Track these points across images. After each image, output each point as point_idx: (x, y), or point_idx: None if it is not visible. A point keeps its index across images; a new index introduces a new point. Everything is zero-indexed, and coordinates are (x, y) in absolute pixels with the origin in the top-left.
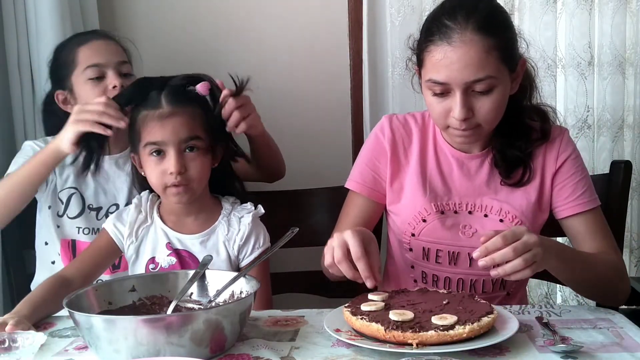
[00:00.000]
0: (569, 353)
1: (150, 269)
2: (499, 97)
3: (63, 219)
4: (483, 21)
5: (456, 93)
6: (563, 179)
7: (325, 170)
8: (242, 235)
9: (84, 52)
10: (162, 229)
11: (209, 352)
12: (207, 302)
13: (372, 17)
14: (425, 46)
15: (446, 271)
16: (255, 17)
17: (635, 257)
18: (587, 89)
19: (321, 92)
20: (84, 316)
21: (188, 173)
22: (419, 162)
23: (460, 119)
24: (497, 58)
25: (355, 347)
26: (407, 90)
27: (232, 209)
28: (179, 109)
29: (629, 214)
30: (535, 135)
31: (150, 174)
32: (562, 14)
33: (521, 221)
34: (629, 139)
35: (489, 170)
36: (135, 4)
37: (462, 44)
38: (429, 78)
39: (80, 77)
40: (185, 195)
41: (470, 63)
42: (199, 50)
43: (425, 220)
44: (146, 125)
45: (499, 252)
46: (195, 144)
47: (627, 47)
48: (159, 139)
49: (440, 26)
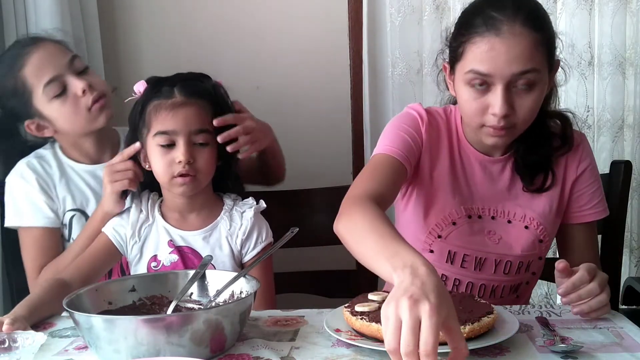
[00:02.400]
0: (569, 353)
1: (152, 267)
2: (539, 95)
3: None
4: (532, 15)
5: (497, 88)
6: (582, 187)
7: (325, 170)
8: (244, 230)
9: (30, 72)
10: (163, 227)
11: (209, 352)
12: (207, 302)
13: (372, 17)
14: (468, 37)
15: (470, 276)
16: (255, 17)
17: (635, 257)
18: (587, 89)
19: (321, 92)
20: (84, 316)
21: (196, 164)
22: (449, 161)
23: (500, 115)
24: (543, 54)
25: (355, 347)
26: (407, 90)
27: (234, 204)
28: (191, 100)
29: (629, 214)
30: (557, 141)
31: (157, 164)
32: (562, 14)
33: (545, 228)
34: (629, 139)
35: (510, 175)
36: (135, 3)
37: (511, 36)
38: (470, 69)
39: (43, 97)
40: (191, 186)
41: (518, 55)
42: (199, 50)
43: (456, 223)
44: (158, 114)
45: (585, 288)
46: (204, 137)
47: (627, 47)
48: (170, 127)
49: (487, 18)
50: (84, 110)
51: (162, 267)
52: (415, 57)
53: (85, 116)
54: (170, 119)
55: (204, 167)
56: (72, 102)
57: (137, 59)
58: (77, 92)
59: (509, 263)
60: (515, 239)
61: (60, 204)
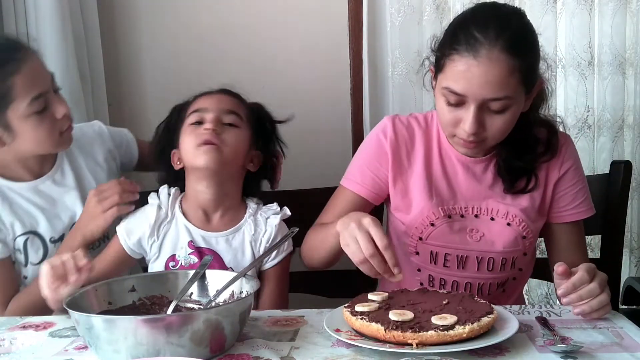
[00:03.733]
0: (568, 353)
1: (171, 266)
2: (511, 117)
3: (28, 268)
4: (513, 40)
5: (470, 107)
6: (564, 188)
7: (325, 170)
8: (268, 237)
9: (22, 81)
10: (185, 225)
11: (209, 352)
12: (207, 302)
13: (372, 17)
14: (449, 53)
15: (454, 275)
16: (255, 17)
17: (635, 257)
18: (587, 89)
19: (321, 92)
20: (84, 316)
21: (223, 136)
22: (424, 166)
23: (470, 133)
24: (519, 80)
25: (355, 347)
26: (407, 90)
27: (258, 208)
28: (227, 92)
29: (629, 214)
30: (541, 147)
31: (186, 140)
32: (562, 14)
33: (527, 225)
34: (629, 139)
35: (493, 174)
36: (135, 4)
37: (488, 61)
38: (446, 86)
39: (22, 112)
40: (215, 154)
41: (492, 81)
42: (199, 51)
43: (434, 224)
44: (195, 102)
45: (585, 288)
46: (233, 119)
47: (627, 47)
48: (203, 106)
49: (469, 37)
50: (57, 133)
51: (181, 267)
52: (415, 57)
53: (56, 139)
54: (203, 100)
55: (231, 142)
56: (49, 123)
57: (137, 59)
58: (56, 115)
59: (492, 260)
60: (497, 235)
61: (9, 230)
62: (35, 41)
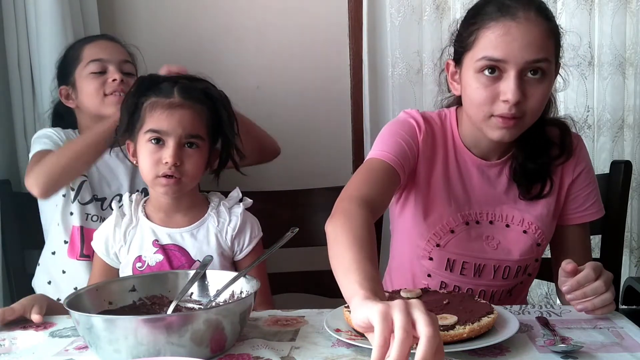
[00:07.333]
0: (569, 353)
1: (137, 267)
2: (548, 87)
3: (74, 205)
4: (544, 7)
5: (510, 74)
6: (577, 190)
7: (325, 170)
8: (234, 226)
9: (89, 49)
10: (149, 227)
11: (209, 352)
12: (207, 302)
13: (372, 17)
14: (481, 24)
15: (469, 283)
16: (255, 17)
17: (635, 257)
18: (587, 89)
19: (321, 92)
20: (84, 316)
21: (183, 167)
22: (444, 168)
23: (513, 102)
24: (554, 44)
25: (355, 347)
26: (407, 90)
27: (220, 200)
28: (189, 103)
29: (629, 214)
30: (555, 149)
31: (144, 161)
32: (562, 14)
33: (543, 232)
34: (629, 139)
35: (507, 179)
36: (135, 4)
37: (526, 22)
38: (483, 55)
39: (83, 72)
40: (174, 188)
41: (533, 42)
42: (199, 51)
43: (454, 231)
44: (153, 111)
45: (590, 286)
46: (196, 142)
47: (627, 47)
48: (164, 127)
49: (501, 5)
50: (101, 93)
51: (147, 267)
52: (415, 57)
53: (101, 98)
54: (164, 119)
55: (191, 171)
56: (98, 84)
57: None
58: (109, 79)
59: (508, 268)
60: (513, 243)
61: None
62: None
